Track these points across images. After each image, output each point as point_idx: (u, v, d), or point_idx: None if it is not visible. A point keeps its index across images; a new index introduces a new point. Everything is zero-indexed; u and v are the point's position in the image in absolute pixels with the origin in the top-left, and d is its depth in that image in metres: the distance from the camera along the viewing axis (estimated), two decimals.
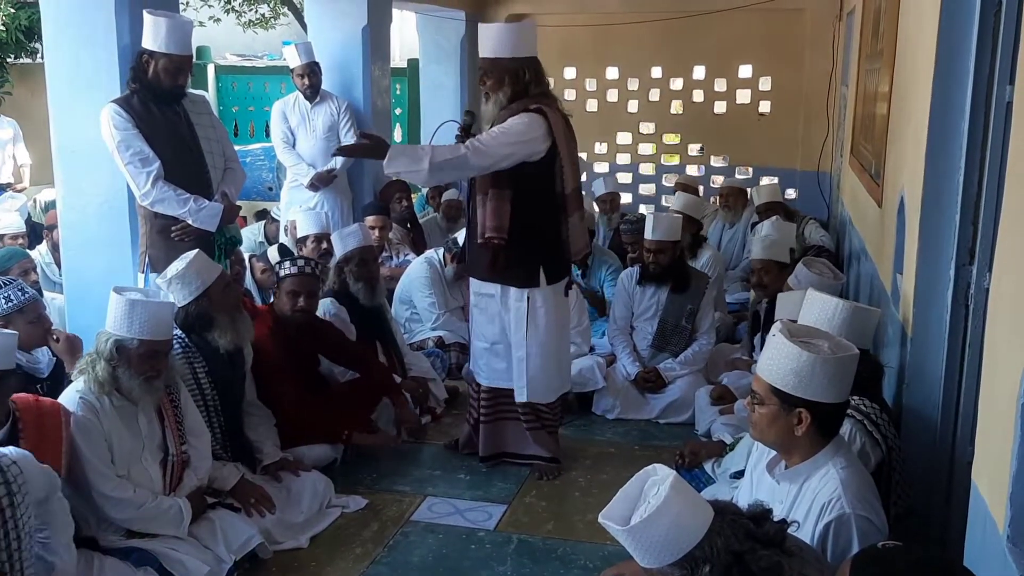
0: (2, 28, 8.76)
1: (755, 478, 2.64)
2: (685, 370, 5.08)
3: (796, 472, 2.40)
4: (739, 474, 3.44)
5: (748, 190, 7.44)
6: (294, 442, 4.08)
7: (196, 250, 3.81)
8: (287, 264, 4.31)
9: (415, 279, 5.81)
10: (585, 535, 3.74)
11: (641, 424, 4.99)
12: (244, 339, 3.82)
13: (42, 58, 8.75)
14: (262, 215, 7.63)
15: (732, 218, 7.29)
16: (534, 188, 3.99)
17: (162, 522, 3.23)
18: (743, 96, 9.17)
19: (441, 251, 5.87)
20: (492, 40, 3.95)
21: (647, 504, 1.94)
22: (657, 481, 1.99)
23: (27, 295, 3.68)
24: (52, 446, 3.00)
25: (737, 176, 8.93)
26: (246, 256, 5.69)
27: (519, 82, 3.95)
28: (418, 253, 6.39)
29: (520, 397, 4.21)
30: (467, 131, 4.06)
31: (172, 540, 3.21)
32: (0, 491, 2.55)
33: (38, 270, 5.38)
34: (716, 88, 9.17)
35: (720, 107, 9.20)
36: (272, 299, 4.45)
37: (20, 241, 6.02)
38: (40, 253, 5.93)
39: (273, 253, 5.61)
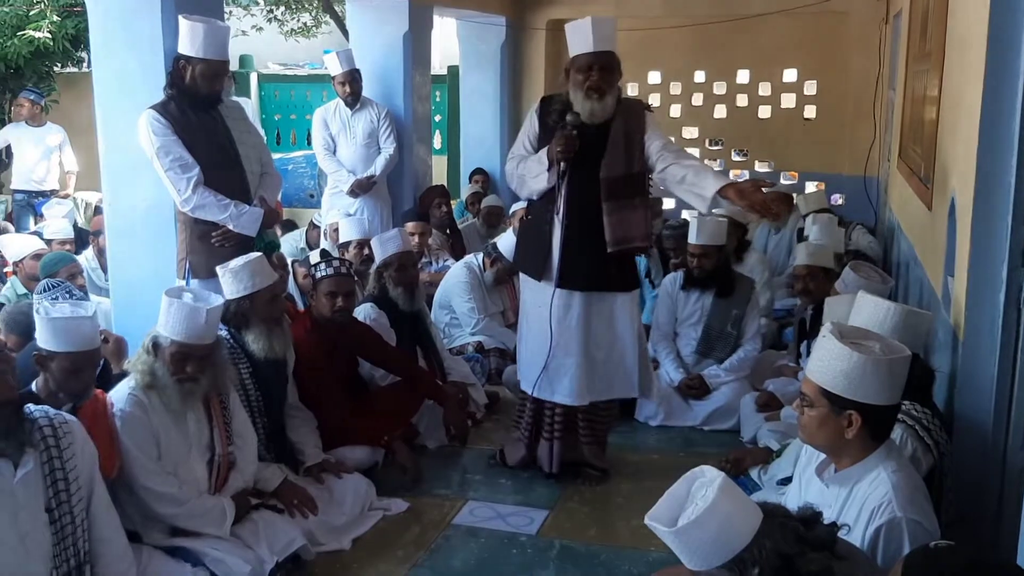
0: (49, 37, 8.92)
1: (803, 482, 2.59)
2: (730, 376, 5.01)
3: (846, 476, 2.35)
4: (786, 481, 3.38)
5: (794, 196, 7.33)
6: (335, 444, 4.08)
7: (259, 254, 3.84)
8: (322, 266, 4.32)
9: (455, 284, 5.81)
10: (629, 541, 3.69)
11: (685, 431, 4.93)
12: (276, 352, 3.80)
13: (88, 67, 8.92)
14: (291, 226, 7.71)
15: (777, 224, 7.19)
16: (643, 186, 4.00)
17: (205, 521, 3.24)
18: (788, 100, 9.06)
19: (480, 256, 5.86)
20: (610, 33, 3.83)
21: (695, 505, 1.90)
22: (705, 482, 1.94)
23: (74, 297, 3.74)
24: (104, 430, 3.06)
25: (782, 182, 8.82)
26: (288, 261, 5.73)
27: (619, 77, 3.92)
28: (457, 259, 6.39)
29: (632, 393, 4.20)
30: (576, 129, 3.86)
31: (215, 540, 3.23)
32: (50, 443, 2.65)
33: (85, 275, 5.46)
34: (760, 92, 9.08)
35: (764, 111, 9.10)
36: (310, 304, 4.45)
37: (67, 246, 6.12)
38: (86, 258, 6.03)
39: (315, 258, 5.64)
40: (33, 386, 3.08)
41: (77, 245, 6.40)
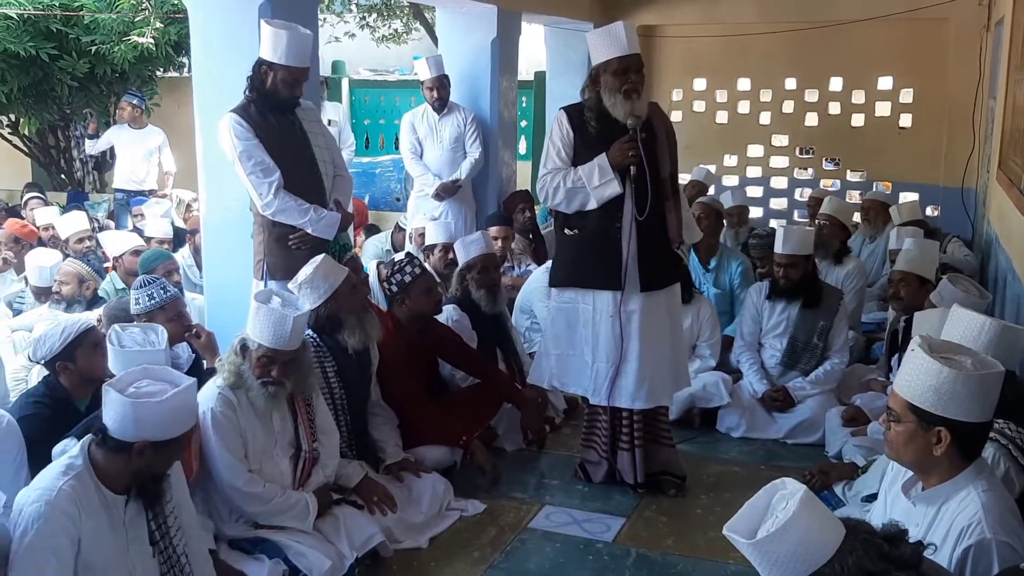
0: (152, 43, 9.26)
1: (889, 499, 2.52)
2: (816, 389, 4.90)
3: (934, 494, 2.28)
4: (871, 498, 3.29)
5: (890, 206, 7.14)
6: (414, 443, 4.14)
7: (322, 255, 3.88)
8: (407, 268, 4.37)
9: (536, 289, 5.81)
10: (707, 552, 3.65)
11: (768, 443, 4.85)
12: (372, 338, 3.91)
13: (189, 71, 9.25)
14: (375, 229, 7.82)
15: (873, 232, 7.03)
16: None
17: (289, 516, 3.32)
18: (882, 109, 8.82)
19: None
20: (636, 37, 3.93)
21: (775, 518, 1.87)
22: (786, 495, 1.90)
23: (169, 293, 3.88)
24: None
25: (876, 191, 8.58)
26: (373, 263, 5.83)
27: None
28: (540, 263, 6.40)
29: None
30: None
31: (298, 533, 3.30)
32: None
33: (180, 272, 5.64)
34: (854, 100, 8.86)
35: (858, 120, 8.89)
36: (392, 305, 4.48)
37: (166, 245, 6.34)
38: (182, 256, 6.24)
39: (397, 260, 5.71)
40: None
41: (174, 243, 6.62)
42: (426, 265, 4.43)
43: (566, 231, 4.09)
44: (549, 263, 5.96)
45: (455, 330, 4.65)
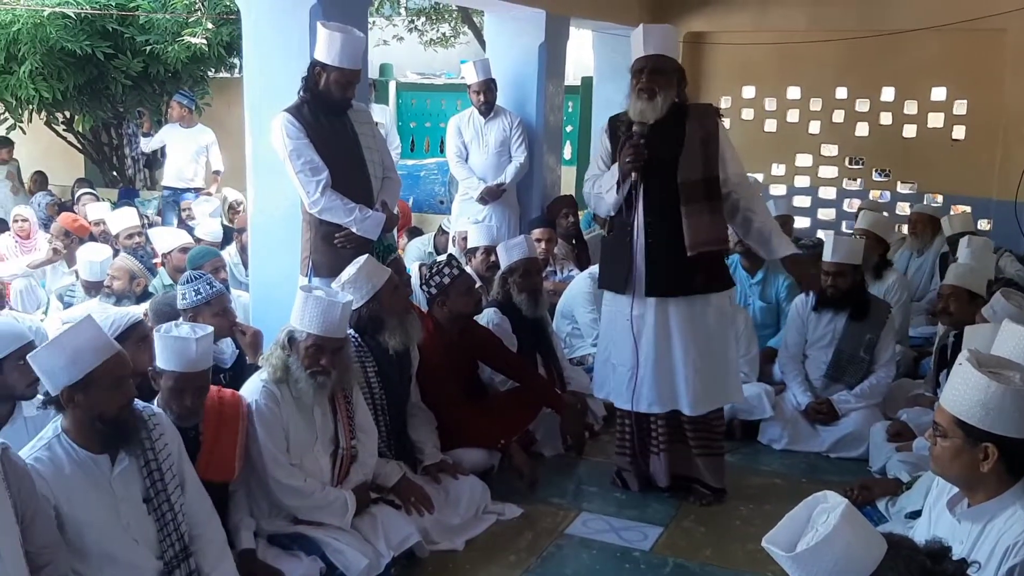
0: (205, 43, 9.41)
1: (934, 516, 2.47)
2: (861, 403, 4.82)
3: (980, 511, 2.24)
4: (915, 515, 3.24)
5: (939, 218, 7.02)
6: (453, 445, 4.14)
7: (366, 255, 3.92)
8: (446, 270, 4.38)
9: (578, 294, 5.80)
10: (745, 564, 3.60)
11: (810, 457, 4.78)
12: (413, 340, 3.93)
13: (239, 72, 9.38)
14: (418, 232, 7.86)
15: (920, 246, 6.90)
16: (715, 188, 3.97)
17: (328, 512, 3.35)
18: (935, 120, 8.66)
19: None
20: (662, 38, 3.87)
21: (815, 531, 1.84)
22: (827, 508, 1.87)
23: (215, 289, 3.93)
24: (229, 435, 3.18)
25: (925, 203, 8.43)
26: (416, 265, 5.86)
27: (679, 83, 3.92)
28: (582, 269, 6.38)
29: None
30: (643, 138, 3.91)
31: (336, 530, 3.32)
32: (143, 435, 2.76)
33: (227, 270, 5.72)
34: (906, 111, 8.71)
35: (910, 131, 8.74)
36: (432, 307, 4.49)
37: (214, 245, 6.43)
38: (229, 254, 6.32)
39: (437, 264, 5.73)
40: (155, 402, 3.15)
41: (222, 242, 6.72)
42: (467, 268, 4.43)
43: (609, 232, 4.22)
44: (592, 268, 5.98)
45: (496, 334, 4.65)
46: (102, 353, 2.64)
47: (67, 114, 10.61)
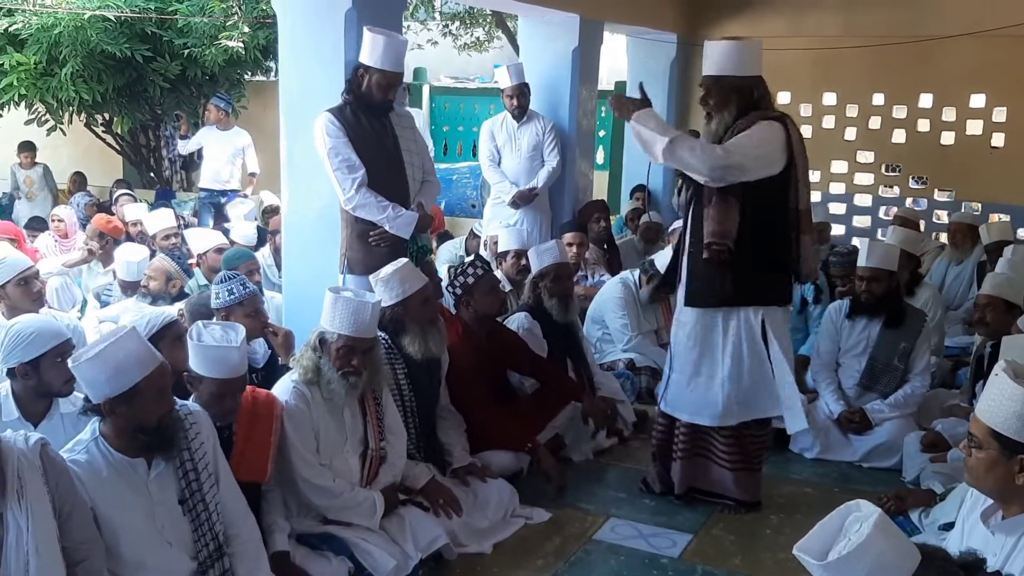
0: (241, 46, 9.51)
1: (967, 527, 2.44)
2: (894, 413, 4.75)
3: (1014, 524, 2.21)
4: (948, 526, 3.18)
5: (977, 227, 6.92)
6: (481, 448, 4.14)
7: (406, 260, 3.97)
8: (469, 270, 4.38)
9: (609, 299, 5.79)
10: (775, 573, 3.58)
11: (842, 466, 4.73)
12: (433, 352, 3.89)
13: (275, 76, 9.47)
14: (448, 235, 7.88)
15: (959, 256, 6.81)
16: (767, 201, 3.80)
17: (357, 512, 3.36)
18: (974, 127, 8.55)
19: (637, 273, 5.81)
20: (717, 57, 3.83)
21: (847, 540, 1.82)
22: (860, 517, 1.86)
23: (248, 290, 3.96)
24: (262, 435, 3.20)
25: (964, 211, 8.32)
26: (446, 267, 5.88)
27: (747, 99, 3.82)
28: (613, 274, 6.37)
29: (775, 411, 4.03)
30: None
31: (364, 531, 3.34)
32: (179, 435, 2.77)
33: (261, 271, 5.77)
34: (944, 117, 8.61)
35: (948, 138, 8.63)
36: (459, 309, 4.49)
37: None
38: (263, 255, 6.38)
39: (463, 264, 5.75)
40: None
41: (255, 243, 6.77)
42: (497, 271, 4.44)
43: None
44: (624, 273, 5.96)
45: (525, 338, 4.66)
46: (145, 367, 2.66)
47: (106, 116, 10.78)
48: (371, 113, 4.31)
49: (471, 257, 4.81)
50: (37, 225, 8.03)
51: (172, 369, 3.42)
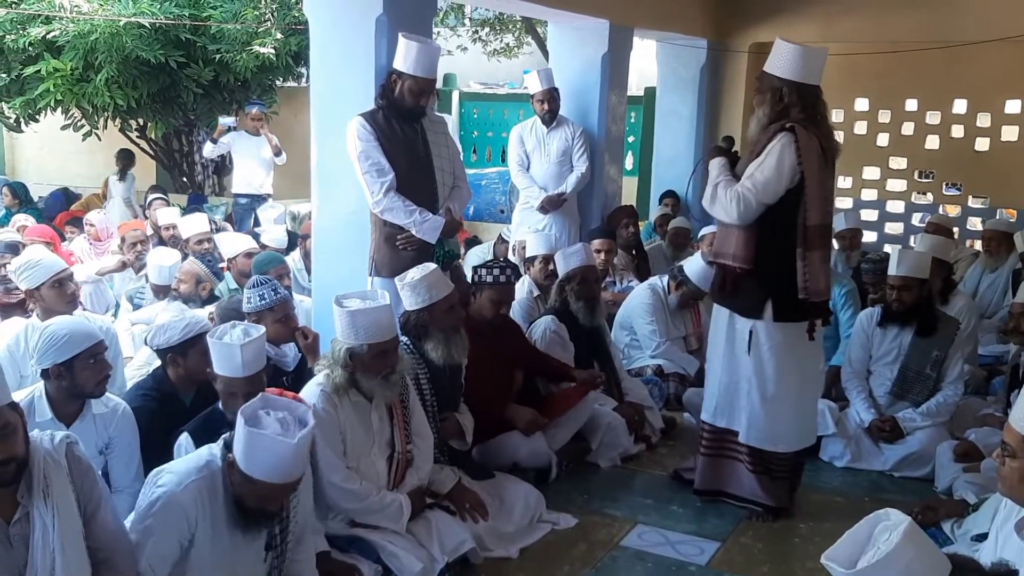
0: (273, 53, 9.60)
1: (1001, 538, 2.41)
2: (927, 422, 4.69)
3: None
4: (981, 537, 3.14)
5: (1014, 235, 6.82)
6: (497, 432, 4.18)
7: (434, 266, 3.99)
8: (484, 272, 4.39)
9: (637, 305, 5.77)
10: None
11: (873, 475, 4.68)
12: (455, 359, 3.90)
13: (306, 82, 9.54)
14: (475, 242, 7.89)
15: (993, 263, 6.72)
16: (773, 216, 3.79)
17: (384, 516, 3.37)
18: (1009, 133, 8.45)
19: (666, 279, 5.79)
20: (772, 55, 3.90)
21: (876, 549, 1.80)
22: (889, 526, 1.84)
23: (279, 295, 4.00)
24: None
25: (999, 218, 8.22)
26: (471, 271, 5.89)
27: (778, 102, 3.82)
28: (642, 280, 6.35)
29: (742, 437, 4.06)
30: (727, 153, 4.05)
31: (391, 534, 3.35)
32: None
33: (291, 275, 5.81)
34: (979, 124, 8.51)
35: (982, 144, 8.53)
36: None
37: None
38: (293, 260, 6.42)
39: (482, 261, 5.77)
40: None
41: (286, 247, 6.83)
42: (525, 276, 4.44)
43: None
44: (652, 279, 5.94)
45: (552, 341, 4.67)
46: (291, 475, 2.63)
47: (140, 121, 10.92)
48: (403, 118, 4.35)
49: (507, 259, 4.82)
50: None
51: (195, 377, 3.50)
